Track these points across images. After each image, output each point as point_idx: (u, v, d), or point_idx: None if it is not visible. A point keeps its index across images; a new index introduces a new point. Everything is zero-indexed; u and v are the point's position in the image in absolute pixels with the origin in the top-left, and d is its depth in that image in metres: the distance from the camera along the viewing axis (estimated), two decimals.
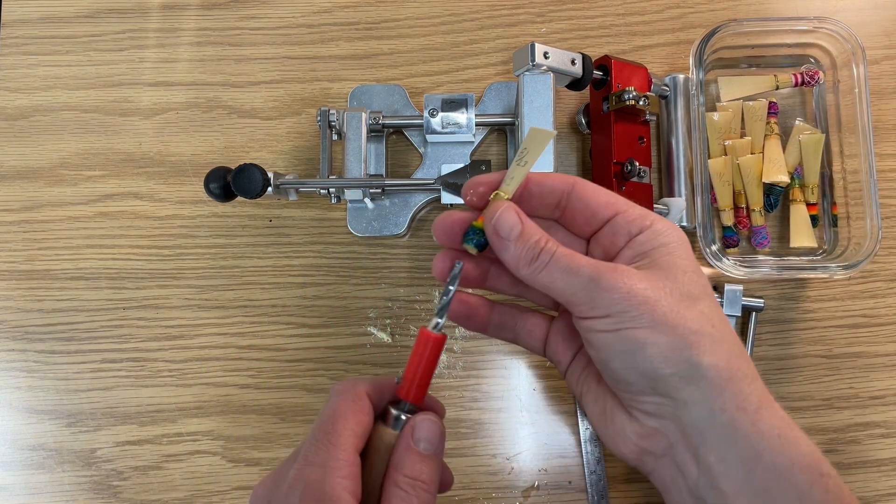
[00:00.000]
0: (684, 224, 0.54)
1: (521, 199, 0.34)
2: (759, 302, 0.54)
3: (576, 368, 0.35)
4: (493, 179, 0.33)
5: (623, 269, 0.30)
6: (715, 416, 0.28)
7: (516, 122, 0.53)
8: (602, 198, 0.33)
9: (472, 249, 0.33)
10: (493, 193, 0.33)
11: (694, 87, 0.53)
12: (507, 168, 0.34)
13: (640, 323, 0.28)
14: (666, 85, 0.56)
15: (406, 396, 0.33)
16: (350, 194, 0.53)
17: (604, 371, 0.31)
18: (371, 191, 0.53)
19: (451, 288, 0.34)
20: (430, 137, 0.55)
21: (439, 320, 0.33)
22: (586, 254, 0.34)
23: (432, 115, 0.54)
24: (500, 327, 0.38)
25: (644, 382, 0.29)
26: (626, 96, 0.50)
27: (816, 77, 0.56)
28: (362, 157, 0.53)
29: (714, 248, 0.51)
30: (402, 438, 0.32)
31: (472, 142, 0.56)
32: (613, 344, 0.29)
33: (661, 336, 0.28)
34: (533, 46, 0.49)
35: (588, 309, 0.29)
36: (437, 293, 0.56)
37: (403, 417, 0.33)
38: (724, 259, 0.51)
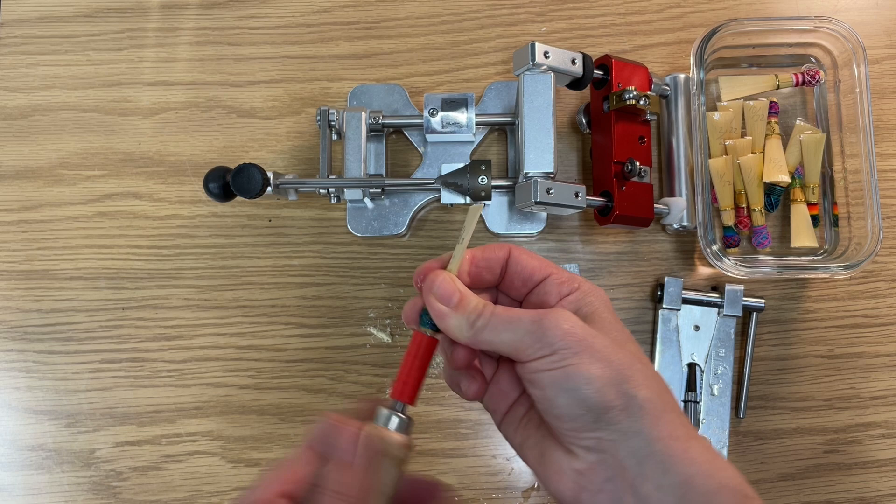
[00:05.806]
0: (685, 224, 0.54)
1: (472, 273, 0.36)
2: (759, 302, 0.54)
3: (513, 417, 0.37)
4: (440, 263, 0.36)
5: (560, 310, 0.33)
6: (651, 445, 0.31)
7: (516, 122, 0.53)
8: (535, 262, 0.36)
9: (428, 331, 0.35)
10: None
11: (694, 87, 0.53)
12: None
13: (582, 358, 0.31)
14: (666, 84, 0.56)
15: (399, 397, 0.35)
16: (350, 194, 0.53)
17: (548, 411, 0.33)
18: (371, 191, 0.53)
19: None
20: (429, 137, 0.55)
21: (429, 326, 0.35)
22: None
23: (432, 115, 0.54)
24: (450, 376, 0.40)
25: (587, 417, 0.32)
26: (627, 96, 0.50)
27: (817, 77, 0.56)
28: (362, 156, 0.52)
29: (715, 247, 0.51)
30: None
31: (472, 141, 0.56)
32: (559, 380, 0.31)
33: (602, 370, 0.31)
34: (533, 46, 0.49)
35: (535, 350, 0.32)
36: None
37: (392, 415, 0.34)
38: (725, 259, 0.51)
